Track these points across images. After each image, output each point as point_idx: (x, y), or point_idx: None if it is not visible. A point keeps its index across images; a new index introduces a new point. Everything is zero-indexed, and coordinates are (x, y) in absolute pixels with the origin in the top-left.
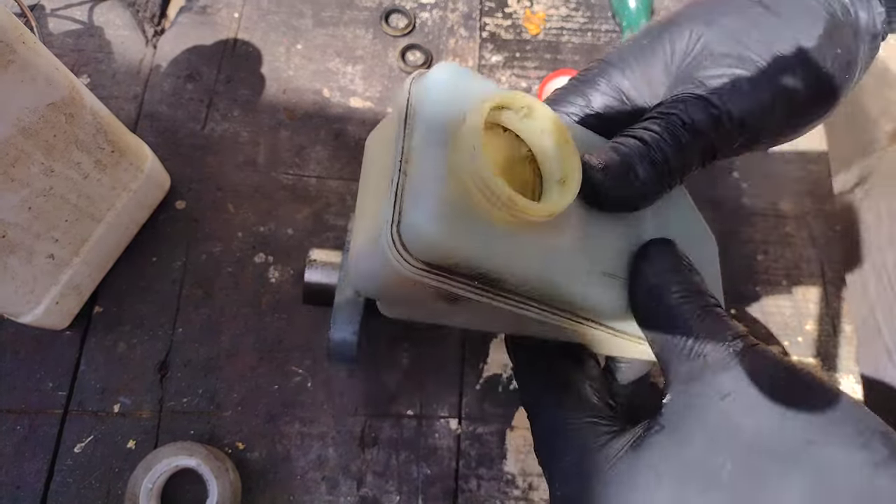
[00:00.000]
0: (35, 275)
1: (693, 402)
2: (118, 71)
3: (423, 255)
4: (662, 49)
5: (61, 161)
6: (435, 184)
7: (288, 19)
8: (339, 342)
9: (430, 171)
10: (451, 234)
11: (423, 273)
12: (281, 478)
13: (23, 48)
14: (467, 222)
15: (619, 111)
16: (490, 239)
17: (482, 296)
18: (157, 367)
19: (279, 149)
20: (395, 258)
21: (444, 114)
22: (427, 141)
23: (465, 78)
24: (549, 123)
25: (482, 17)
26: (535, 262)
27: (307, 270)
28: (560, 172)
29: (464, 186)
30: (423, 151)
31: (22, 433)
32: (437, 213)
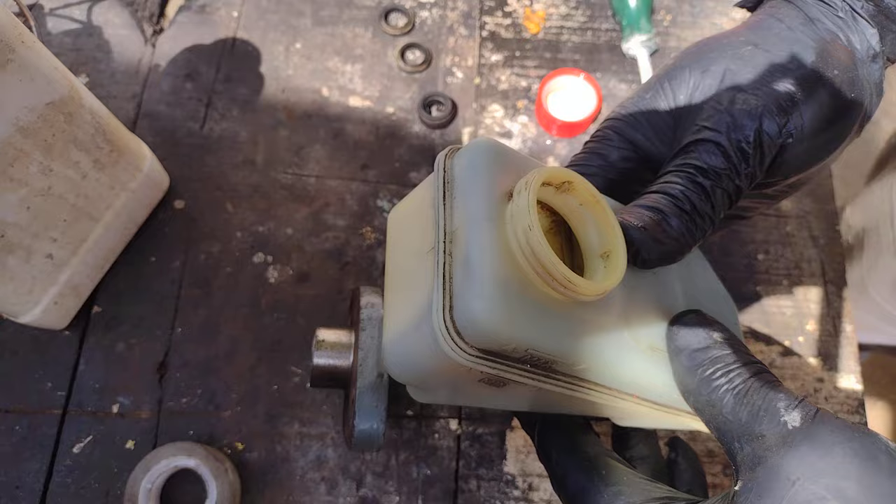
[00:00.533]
0: (34, 275)
1: (762, 490)
2: (117, 70)
3: (480, 341)
4: (665, 100)
5: (60, 160)
6: (487, 266)
7: (287, 18)
8: (364, 432)
9: (479, 253)
10: (508, 319)
11: (478, 360)
12: (280, 478)
13: (21, 47)
14: (524, 305)
15: (635, 161)
16: (546, 321)
17: (534, 379)
18: (156, 368)
19: (278, 148)
20: (450, 346)
21: (488, 191)
22: (472, 220)
23: (503, 152)
24: (588, 197)
25: (482, 15)
26: (587, 342)
27: (315, 353)
28: (602, 247)
29: (517, 267)
30: (469, 231)
31: (21, 433)
32: (493, 296)
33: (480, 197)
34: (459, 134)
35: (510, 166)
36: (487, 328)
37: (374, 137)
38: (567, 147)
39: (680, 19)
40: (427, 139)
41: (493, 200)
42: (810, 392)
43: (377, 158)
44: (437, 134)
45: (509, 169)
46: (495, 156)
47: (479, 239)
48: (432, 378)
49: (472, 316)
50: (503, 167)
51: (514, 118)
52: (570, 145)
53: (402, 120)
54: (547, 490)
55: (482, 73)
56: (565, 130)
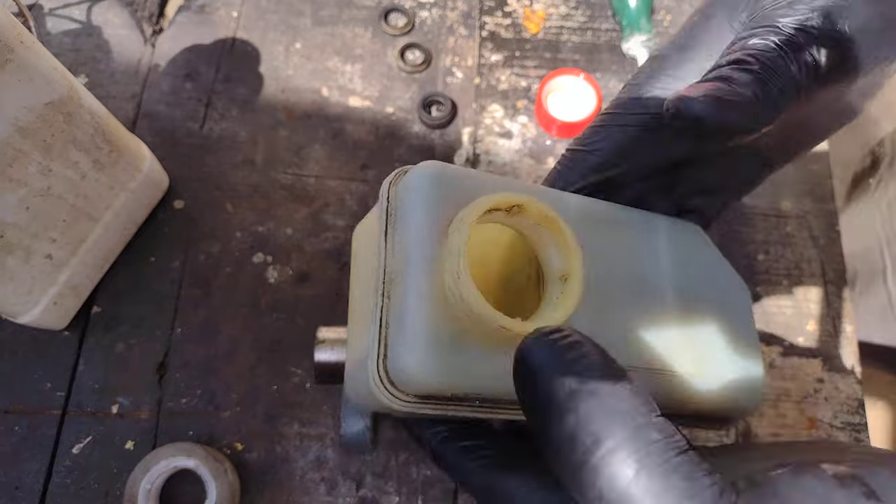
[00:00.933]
0: (33, 275)
1: None
2: (116, 70)
3: (415, 391)
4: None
5: (59, 161)
6: (421, 314)
7: (287, 18)
8: (351, 436)
9: (414, 300)
10: (442, 369)
11: (417, 405)
12: (280, 478)
13: (21, 48)
14: (461, 353)
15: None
16: (487, 365)
17: (486, 413)
18: (155, 368)
19: (278, 148)
20: (384, 394)
21: (430, 226)
22: (410, 261)
23: (449, 177)
24: (541, 217)
25: (482, 15)
26: None
27: (317, 351)
28: (561, 269)
29: (453, 313)
30: (406, 274)
31: (20, 434)
32: (426, 349)
33: (420, 233)
34: (459, 134)
35: (459, 192)
36: (416, 380)
37: (373, 137)
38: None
39: (680, 19)
40: (427, 139)
41: (435, 236)
42: (810, 393)
43: (377, 158)
44: (437, 134)
45: (458, 196)
46: (439, 183)
47: (415, 284)
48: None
49: (404, 368)
50: (450, 195)
51: (514, 118)
52: None
53: (402, 120)
54: None
55: (482, 73)
56: (565, 130)
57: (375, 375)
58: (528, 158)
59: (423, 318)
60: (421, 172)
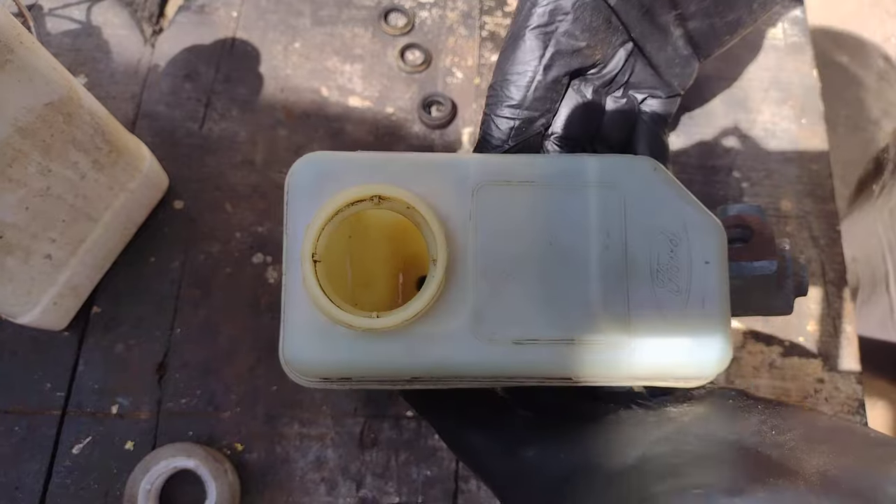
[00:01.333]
0: (32, 275)
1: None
2: (116, 70)
3: (309, 374)
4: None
5: (59, 161)
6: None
7: (286, 18)
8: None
9: (293, 293)
10: (320, 357)
11: (323, 384)
12: (280, 479)
13: (20, 48)
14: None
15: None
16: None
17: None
18: (155, 368)
19: (277, 148)
20: (293, 376)
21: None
22: (291, 253)
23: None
24: (402, 206)
25: (482, 15)
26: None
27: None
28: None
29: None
30: (288, 266)
31: (20, 434)
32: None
33: (296, 225)
34: (459, 134)
35: (341, 181)
36: (307, 367)
37: (373, 137)
38: None
39: None
40: (427, 139)
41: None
42: (810, 393)
43: None
44: (437, 134)
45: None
46: (320, 173)
47: (292, 278)
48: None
49: (292, 357)
50: (331, 184)
51: None
52: None
53: (402, 120)
54: None
55: (482, 74)
56: None
57: (282, 360)
58: None
59: (300, 311)
60: (303, 163)
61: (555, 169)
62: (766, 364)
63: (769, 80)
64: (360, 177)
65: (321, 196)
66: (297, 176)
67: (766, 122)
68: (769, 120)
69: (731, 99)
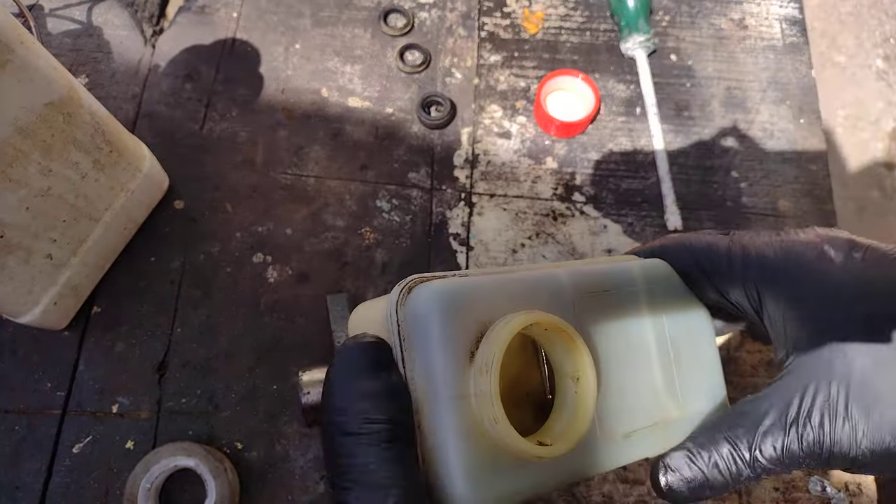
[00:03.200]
0: (33, 275)
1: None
2: (117, 71)
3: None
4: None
5: (59, 161)
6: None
7: (286, 19)
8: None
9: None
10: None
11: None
12: (279, 477)
13: (21, 48)
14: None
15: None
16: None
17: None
18: (155, 368)
19: (277, 148)
20: None
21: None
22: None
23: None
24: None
25: (480, 16)
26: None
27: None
28: (573, 371)
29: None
30: (436, 412)
31: (21, 433)
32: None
33: (439, 365)
34: (458, 134)
35: (470, 312)
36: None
37: (373, 138)
38: (565, 147)
39: (678, 19)
40: (426, 140)
41: (456, 366)
42: None
43: (376, 159)
44: (436, 134)
45: (469, 316)
46: (447, 309)
47: (445, 421)
48: None
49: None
50: (460, 316)
51: (513, 118)
52: (569, 145)
53: (402, 120)
54: None
55: (481, 74)
56: (564, 130)
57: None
58: (526, 158)
59: (460, 452)
60: (427, 298)
61: (623, 277)
62: (765, 363)
63: (767, 80)
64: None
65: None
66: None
67: (765, 122)
68: (767, 120)
69: (730, 99)
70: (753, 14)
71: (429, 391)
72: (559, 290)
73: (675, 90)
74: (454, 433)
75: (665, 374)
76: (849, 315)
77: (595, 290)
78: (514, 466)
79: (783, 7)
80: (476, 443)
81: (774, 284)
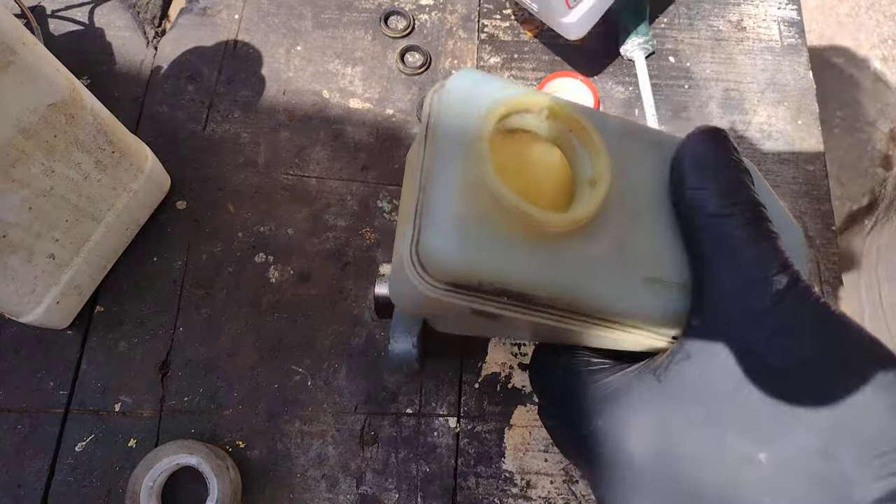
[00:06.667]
0: (36, 275)
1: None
2: (119, 72)
3: (443, 275)
4: None
5: (62, 161)
6: (450, 200)
7: (288, 21)
8: (399, 353)
9: (446, 188)
10: (468, 253)
11: (447, 293)
12: (281, 476)
13: (23, 49)
14: (486, 239)
15: None
16: (513, 254)
17: (515, 312)
18: (157, 367)
19: (279, 149)
20: (416, 279)
21: (462, 125)
22: (443, 155)
23: (484, 83)
24: (573, 123)
25: (481, 18)
26: (566, 275)
27: (377, 284)
28: (590, 173)
29: (481, 201)
30: (439, 166)
31: (23, 432)
32: (453, 231)
33: (453, 133)
34: None
35: (492, 97)
36: (445, 261)
37: (374, 139)
38: None
39: (677, 21)
40: None
41: (467, 135)
42: None
43: (377, 160)
44: None
45: (490, 100)
46: (476, 88)
47: (445, 173)
48: (423, 310)
49: (429, 249)
50: (484, 98)
51: None
52: None
53: (402, 122)
54: (545, 487)
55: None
56: None
57: (409, 260)
58: None
59: (452, 202)
60: (458, 76)
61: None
62: None
63: (765, 81)
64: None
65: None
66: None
67: (763, 124)
68: (765, 121)
69: (728, 100)
70: (752, 16)
71: (438, 151)
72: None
73: (673, 92)
74: (450, 185)
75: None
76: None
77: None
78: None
79: (781, 9)
80: (468, 201)
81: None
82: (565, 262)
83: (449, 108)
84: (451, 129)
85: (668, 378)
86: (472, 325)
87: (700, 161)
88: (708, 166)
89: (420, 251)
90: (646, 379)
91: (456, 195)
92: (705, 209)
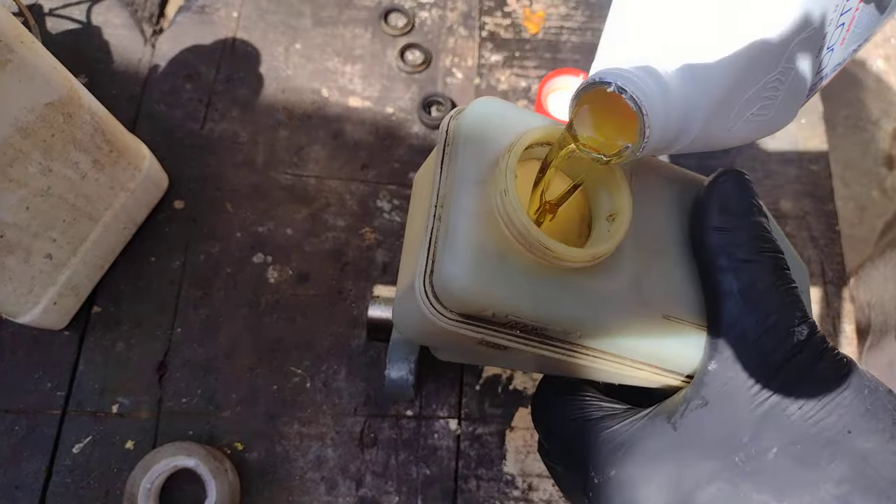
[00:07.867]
0: (33, 275)
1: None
2: (116, 71)
3: (457, 306)
4: None
5: (59, 161)
6: (469, 230)
7: (287, 19)
8: (395, 381)
9: (464, 217)
10: (482, 284)
11: (459, 324)
12: (280, 478)
13: (21, 48)
14: (502, 271)
15: None
16: (528, 287)
17: (525, 344)
18: (155, 368)
19: (278, 148)
20: (429, 310)
21: (481, 153)
22: (462, 183)
23: (505, 112)
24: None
25: (481, 16)
26: (580, 310)
27: (371, 307)
28: (610, 208)
29: (500, 232)
30: (457, 195)
31: (20, 433)
32: (467, 261)
33: (472, 160)
34: None
35: (513, 127)
36: (460, 293)
37: (373, 138)
38: None
39: None
40: (427, 139)
41: (486, 163)
42: None
43: (377, 159)
44: (437, 134)
45: (513, 130)
46: (495, 116)
47: (463, 202)
48: (430, 339)
49: (446, 280)
50: (505, 128)
51: None
52: None
53: (402, 120)
54: (547, 490)
55: (482, 74)
56: None
57: (422, 290)
58: None
59: (468, 232)
60: (479, 104)
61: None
62: None
63: None
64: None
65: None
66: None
67: None
68: None
69: None
70: None
71: (456, 180)
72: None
73: None
74: (468, 215)
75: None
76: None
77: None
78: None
79: None
80: (487, 230)
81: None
82: (581, 297)
83: (470, 134)
84: (471, 156)
85: (684, 426)
86: (477, 356)
87: (725, 204)
88: (733, 210)
89: (435, 280)
90: (661, 426)
91: (475, 225)
92: (731, 253)
